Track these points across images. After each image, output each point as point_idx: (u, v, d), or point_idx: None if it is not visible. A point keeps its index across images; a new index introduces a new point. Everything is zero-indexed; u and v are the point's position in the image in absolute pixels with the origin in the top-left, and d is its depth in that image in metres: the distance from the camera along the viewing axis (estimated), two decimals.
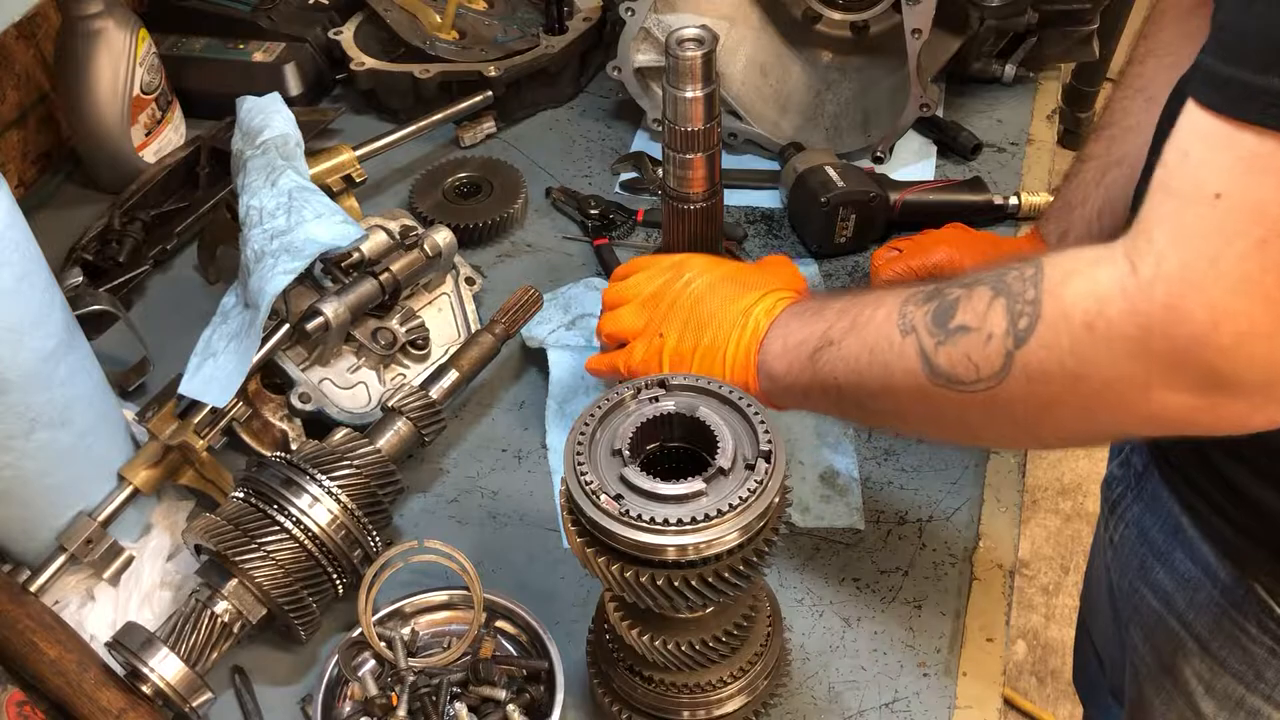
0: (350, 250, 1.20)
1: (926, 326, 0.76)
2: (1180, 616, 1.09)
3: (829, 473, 1.13)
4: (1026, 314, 0.69)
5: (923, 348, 0.76)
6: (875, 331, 0.81)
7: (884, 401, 0.82)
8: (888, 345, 0.79)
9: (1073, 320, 0.66)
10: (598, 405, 0.79)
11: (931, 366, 0.75)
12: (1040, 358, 0.68)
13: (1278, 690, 1.03)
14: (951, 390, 0.75)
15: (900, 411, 0.83)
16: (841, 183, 1.35)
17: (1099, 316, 0.65)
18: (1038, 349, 0.68)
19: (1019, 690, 2.41)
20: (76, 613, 1.04)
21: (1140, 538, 1.15)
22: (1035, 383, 0.70)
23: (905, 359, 0.77)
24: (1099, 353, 0.65)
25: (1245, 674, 1.04)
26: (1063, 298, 0.67)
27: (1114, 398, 0.67)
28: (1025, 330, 0.69)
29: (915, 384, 0.77)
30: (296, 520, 0.99)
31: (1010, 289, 0.71)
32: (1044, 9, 1.53)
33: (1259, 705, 1.06)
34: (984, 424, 0.78)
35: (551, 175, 1.55)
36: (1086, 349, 0.66)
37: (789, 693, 0.96)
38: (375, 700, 0.93)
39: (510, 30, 1.67)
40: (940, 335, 0.75)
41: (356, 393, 1.20)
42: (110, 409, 1.07)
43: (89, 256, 1.38)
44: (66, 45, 1.46)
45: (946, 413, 0.78)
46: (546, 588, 1.06)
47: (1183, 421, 0.65)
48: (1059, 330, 0.67)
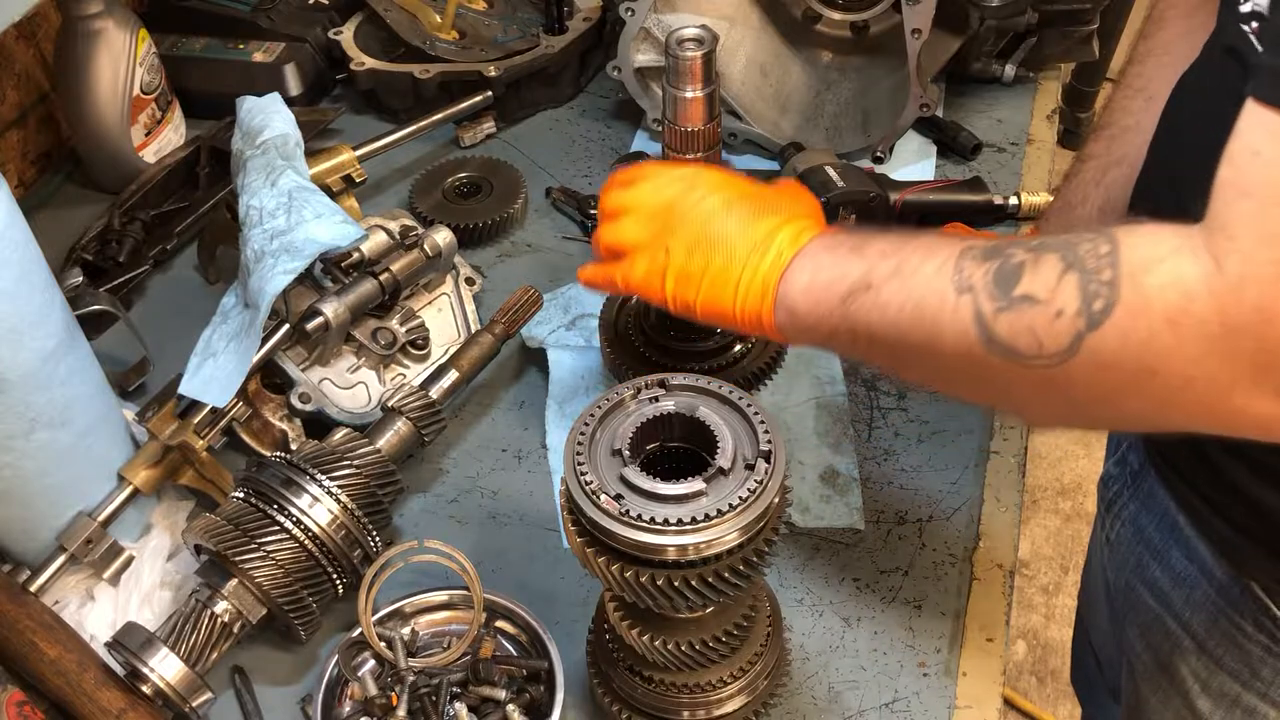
0: (350, 250, 1.20)
1: (987, 288, 0.70)
2: (1177, 615, 1.09)
3: (829, 473, 1.13)
4: (1102, 296, 0.64)
5: (980, 311, 0.70)
6: (925, 284, 0.74)
7: (922, 359, 0.77)
8: (939, 302, 0.72)
9: (1154, 312, 0.63)
10: (598, 405, 0.79)
11: (988, 333, 0.70)
12: (1114, 345, 0.65)
13: (1274, 688, 1.03)
14: (1006, 361, 0.70)
15: (939, 371, 0.78)
16: (841, 183, 1.35)
17: (1183, 313, 0.62)
18: (1112, 335, 0.64)
19: (1019, 690, 2.41)
20: (76, 613, 1.04)
21: (1137, 536, 1.15)
22: (1104, 369, 0.66)
23: (958, 320, 0.71)
24: (1180, 349, 0.62)
25: (1241, 672, 1.04)
26: (1144, 286, 0.64)
27: (1191, 396, 0.64)
28: (1100, 313, 0.65)
29: (964, 348, 0.71)
30: (296, 520, 0.99)
31: (1084, 264, 0.66)
32: (1044, 9, 1.53)
33: (1255, 703, 1.06)
34: (1033, 399, 0.73)
35: (551, 175, 1.55)
36: (1166, 343, 0.63)
37: (789, 693, 0.96)
38: (375, 700, 0.94)
39: (510, 30, 1.67)
40: (1002, 301, 0.69)
41: (356, 393, 1.20)
42: (110, 409, 1.07)
43: (89, 256, 1.38)
44: (66, 45, 1.46)
45: (993, 381, 0.73)
46: (546, 588, 1.06)
47: (1260, 426, 0.64)
48: (1138, 320, 0.64)
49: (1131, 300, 0.64)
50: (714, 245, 0.87)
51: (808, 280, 0.82)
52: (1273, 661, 1.01)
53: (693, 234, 0.88)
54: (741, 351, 1.11)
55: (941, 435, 1.17)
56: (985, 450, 1.15)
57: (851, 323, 0.79)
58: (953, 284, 0.72)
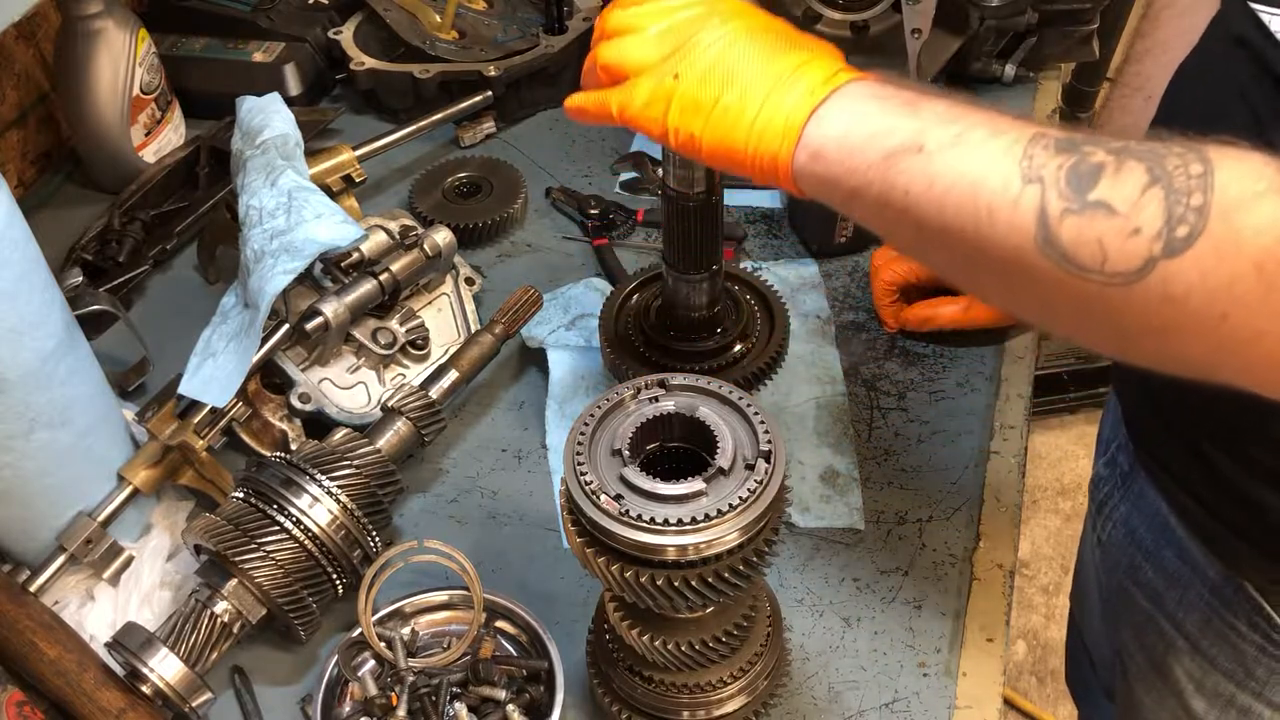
0: (350, 250, 1.21)
1: (1057, 185, 0.62)
2: (1170, 615, 1.09)
3: (829, 473, 1.13)
4: (1188, 223, 0.58)
5: (1045, 208, 0.62)
6: (987, 163, 0.65)
7: (958, 244, 0.68)
8: (999, 186, 0.64)
9: (1242, 253, 0.57)
10: (598, 405, 0.79)
11: (1048, 234, 0.62)
12: (1189, 279, 0.58)
13: (1268, 688, 1.03)
14: (1059, 268, 0.63)
15: (972, 261, 0.69)
16: None
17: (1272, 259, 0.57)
18: (1191, 268, 0.58)
19: (1019, 690, 2.41)
20: (76, 613, 1.04)
21: (1128, 537, 1.15)
22: (1170, 303, 0.59)
23: (1018, 213, 0.63)
24: (1264, 300, 0.57)
25: (1236, 672, 1.04)
26: (1236, 222, 0.57)
27: (1258, 350, 0.59)
28: (1182, 242, 0.58)
29: (1015, 243, 0.64)
30: (296, 520, 0.99)
31: (1172, 181, 0.59)
32: (1044, 9, 1.53)
33: (1250, 703, 1.06)
34: (1073, 314, 0.66)
35: (551, 175, 1.55)
36: (1248, 290, 0.57)
37: (789, 693, 0.96)
38: (375, 700, 0.94)
39: (510, 30, 1.67)
40: (1073, 203, 0.61)
41: (356, 393, 1.20)
42: (110, 409, 1.07)
43: (89, 256, 1.38)
44: (66, 45, 1.46)
45: (1034, 286, 0.65)
46: (546, 588, 1.06)
47: None
48: (1223, 258, 0.58)
49: (1221, 235, 0.58)
50: (730, 74, 0.77)
51: (844, 127, 0.72)
52: (1267, 661, 1.01)
53: (708, 58, 0.77)
54: (741, 351, 1.11)
55: (941, 435, 1.17)
56: (985, 450, 1.15)
57: (888, 185, 0.69)
58: (1020, 170, 0.64)
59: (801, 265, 1.37)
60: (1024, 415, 1.18)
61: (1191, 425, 0.97)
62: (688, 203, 1.04)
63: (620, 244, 1.43)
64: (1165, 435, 1.03)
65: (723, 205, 1.11)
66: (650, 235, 1.45)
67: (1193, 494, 1.00)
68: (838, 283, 1.35)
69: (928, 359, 1.25)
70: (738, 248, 1.40)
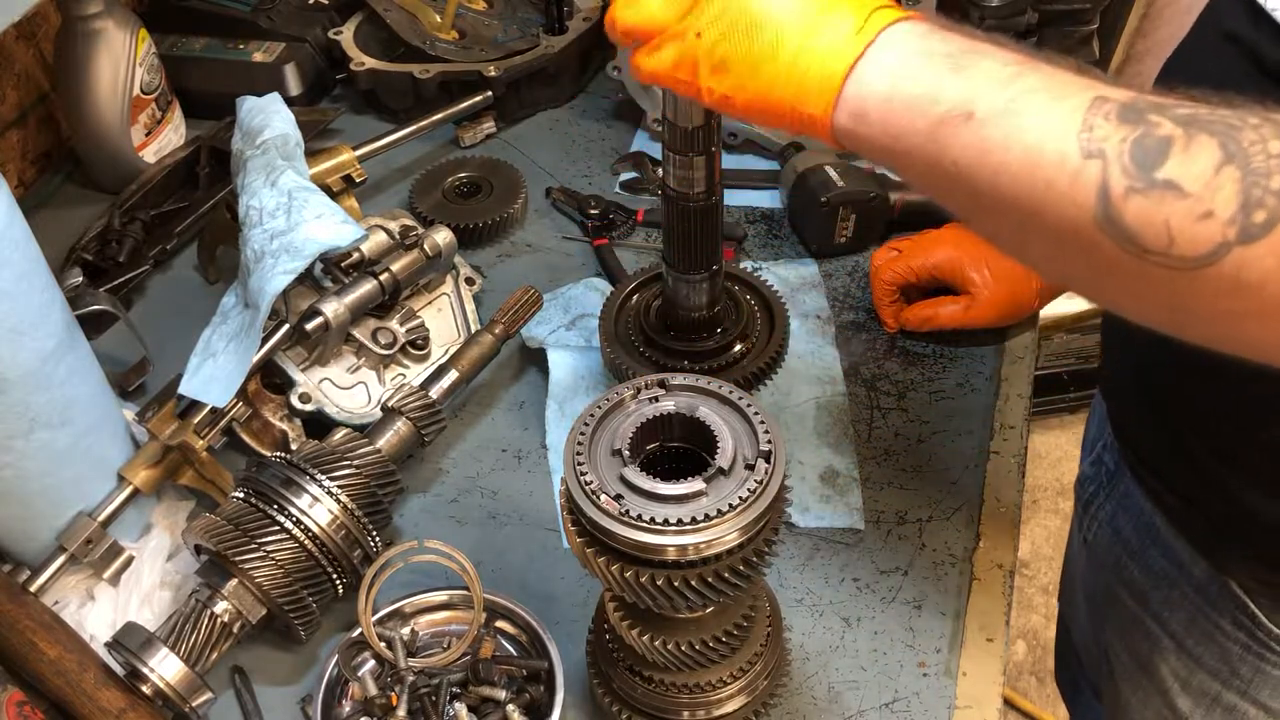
0: (350, 250, 1.21)
1: (1121, 161, 0.58)
2: (1155, 614, 1.09)
3: (829, 473, 1.13)
4: (1267, 207, 0.54)
5: (1107, 185, 0.58)
6: (1044, 134, 0.61)
7: (1010, 216, 0.64)
8: (1056, 160, 0.60)
9: None
10: (598, 405, 0.79)
11: (1109, 213, 0.58)
12: (1265, 267, 0.54)
13: (1253, 686, 1.03)
14: (1118, 247, 0.58)
15: (1024, 233, 0.64)
16: (841, 183, 1.35)
17: None
18: (1268, 256, 0.54)
19: (1019, 690, 2.41)
20: (76, 613, 1.04)
21: (1114, 537, 1.15)
22: (1242, 289, 0.55)
23: (1077, 189, 0.59)
24: None
25: (1221, 670, 1.04)
26: None
27: None
28: (1260, 228, 0.54)
29: (1072, 219, 0.60)
30: (296, 520, 0.99)
31: (1249, 160, 0.55)
32: (1044, 9, 1.53)
33: (1235, 701, 1.06)
34: (1130, 294, 0.62)
35: (551, 175, 1.55)
36: None
37: (789, 693, 0.96)
38: (375, 700, 0.94)
39: (510, 30, 1.67)
40: (1139, 181, 0.57)
41: (356, 393, 1.20)
42: (110, 409, 1.07)
43: (89, 256, 1.38)
44: (66, 45, 1.46)
45: (1089, 261, 0.61)
46: (546, 588, 1.06)
47: None
48: None
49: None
50: (757, 24, 0.71)
51: (888, 87, 0.67)
52: (1252, 659, 1.01)
53: (731, 15, 0.72)
54: (741, 351, 1.11)
55: (941, 435, 1.17)
56: (985, 450, 1.15)
57: (938, 152, 0.65)
58: (1079, 143, 0.59)
59: (801, 265, 1.37)
60: (1024, 415, 1.19)
61: (1177, 425, 0.97)
62: (688, 203, 1.04)
63: (620, 244, 1.43)
64: (1151, 435, 1.03)
65: (723, 205, 1.11)
66: (650, 235, 1.45)
67: (1178, 493, 1.00)
68: (838, 283, 1.35)
69: (928, 359, 1.25)
70: (738, 248, 1.40)
